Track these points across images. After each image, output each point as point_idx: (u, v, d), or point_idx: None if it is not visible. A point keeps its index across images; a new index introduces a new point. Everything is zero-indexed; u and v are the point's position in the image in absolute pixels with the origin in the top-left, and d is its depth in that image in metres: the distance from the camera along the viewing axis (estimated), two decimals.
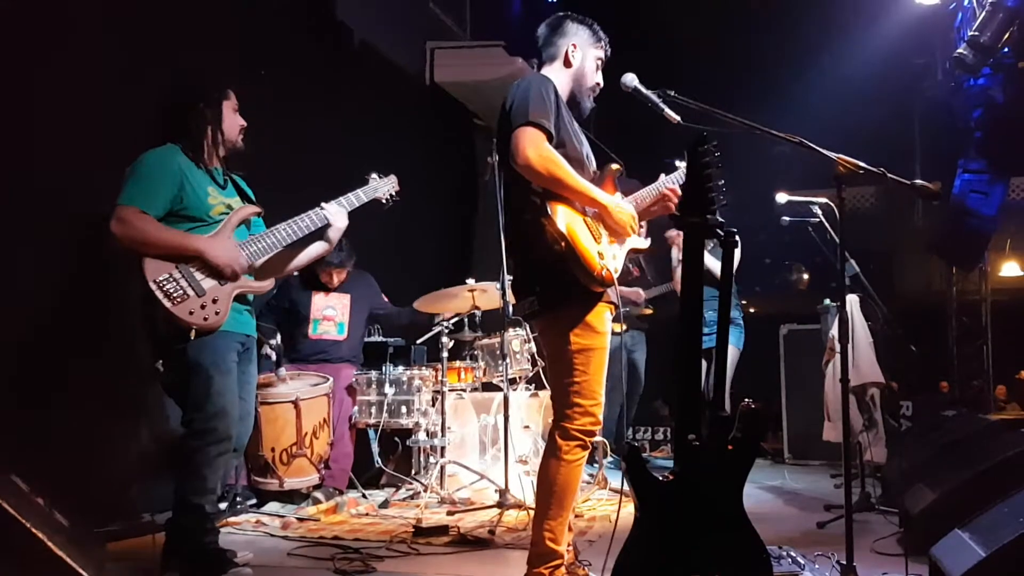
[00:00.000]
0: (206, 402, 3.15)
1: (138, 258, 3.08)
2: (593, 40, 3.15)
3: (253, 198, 3.56)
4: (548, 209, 2.80)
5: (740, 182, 4.01)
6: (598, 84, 3.17)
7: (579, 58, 3.11)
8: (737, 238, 2.39)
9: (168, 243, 3.13)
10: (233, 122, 3.43)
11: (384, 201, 3.75)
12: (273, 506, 4.68)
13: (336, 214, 3.53)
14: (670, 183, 3.22)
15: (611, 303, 2.96)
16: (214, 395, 3.15)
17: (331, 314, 5.40)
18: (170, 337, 3.12)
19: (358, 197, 3.64)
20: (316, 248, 3.60)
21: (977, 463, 3.52)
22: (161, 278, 3.08)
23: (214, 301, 3.17)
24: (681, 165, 3.20)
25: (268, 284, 3.45)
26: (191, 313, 3.10)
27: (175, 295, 3.08)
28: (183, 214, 3.23)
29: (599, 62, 3.16)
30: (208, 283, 3.17)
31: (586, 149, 3.09)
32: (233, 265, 3.21)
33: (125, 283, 3.20)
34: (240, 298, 3.32)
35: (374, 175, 3.74)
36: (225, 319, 3.20)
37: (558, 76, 3.09)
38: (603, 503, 4.89)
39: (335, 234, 3.56)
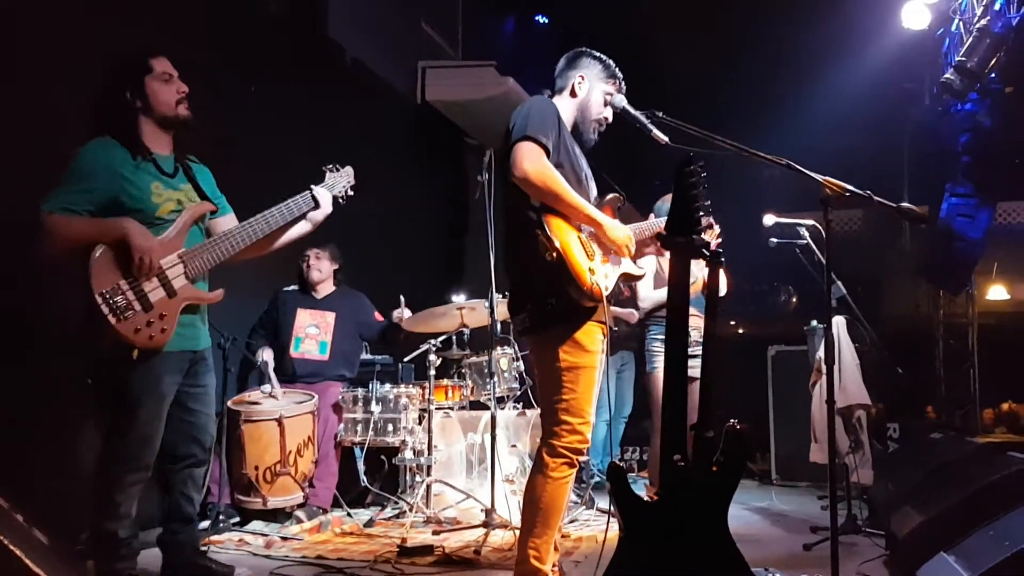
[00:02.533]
0: (130, 428, 3.03)
1: (83, 269, 2.90)
2: (604, 75, 3.20)
3: (211, 184, 3.37)
4: (544, 222, 2.85)
5: (728, 204, 4.04)
6: (606, 119, 3.22)
7: (585, 90, 3.18)
8: (723, 259, 2.40)
9: (97, 231, 2.94)
10: (165, 95, 3.15)
11: (341, 199, 3.55)
12: (256, 525, 4.64)
13: (324, 197, 3.42)
14: (662, 223, 3.25)
15: (603, 323, 2.97)
16: (140, 422, 3.04)
17: (313, 332, 5.37)
18: (111, 356, 2.96)
19: (325, 189, 3.48)
20: (299, 228, 3.48)
21: (964, 486, 3.53)
22: (107, 290, 2.90)
23: (161, 317, 3.00)
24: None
25: (218, 295, 3.26)
26: (137, 331, 2.93)
27: (120, 310, 2.91)
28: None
29: (608, 97, 3.20)
30: (156, 295, 2.99)
31: (586, 173, 3.15)
32: (147, 257, 2.95)
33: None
34: (190, 309, 3.17)
35: (329, 166, 3.56)
36: (170, 336, 3.04)
37: (564, 105, 3.17)
38: (590, 523, 4.87)
39: (321, 216, 3.44)
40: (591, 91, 3.18)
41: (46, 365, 3.67)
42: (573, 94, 3.18)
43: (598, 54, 3.23)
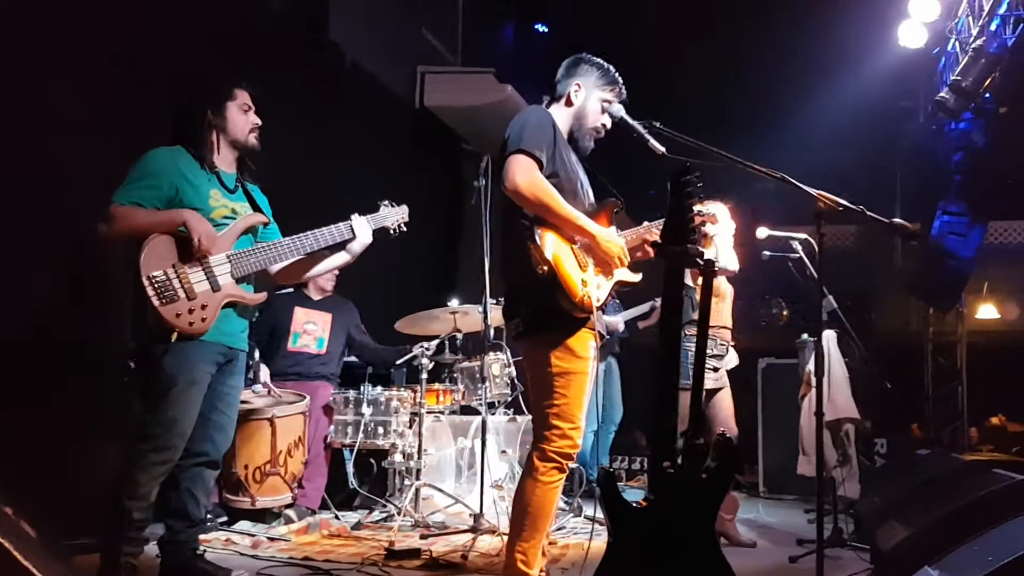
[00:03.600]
0: (161, 407, 3.12)
1: (135, 253, 3.03)
2: (602, 82, 3.18)
3: (266, 208, 3.52)
4: (536, 234, 2.86)
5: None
6: (603, 125, 3.20)
7: (581, 98, 3.17)
8: (716, 268, 2.42)
9: (159, 221, 3.11)
10: (241, 123, 3.40)
11: (392, 231, 3.71)
12: (244, 524, 4.63)
13: (362, 228, 3.51)
14: (654, 227, 3.26)
15: (595, 330, 2.99)
16: (170, 403, 3.12)
17: (312, 328, 5.38)
18: (151, 337, 3.08)
19: (376, 220, 3.61)
20: (338, 259, 3.60)
21: (949, 502, 3.54)
22: (155, 274, 3.04)
23: (203, 307, 3.12)
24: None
25: (261, 297, 3.38)
26: (178, 316, 3.06)
27: (165, 294, 3.04)
28: None
29: (605, 104, 3.18)
30: (200, 287, 3.13)
31: (582, 181, 3.15)
32: (206, 241, 3.11)
33: (101, 289, 3.16)
34: (232, 307, 3.27)
35: (386, 202, 3.70)
36: (209, 327, 3.15)
37: (560, 113, 3.17)
38: (577, 530, 4.88)
39: (359, 247, 3.54)
40: (587, 99, 3.17)
41: (39, 359, 3.67)
42: (569, 103, 3.18)
43: (597, 60, 3.22)
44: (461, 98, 7.78)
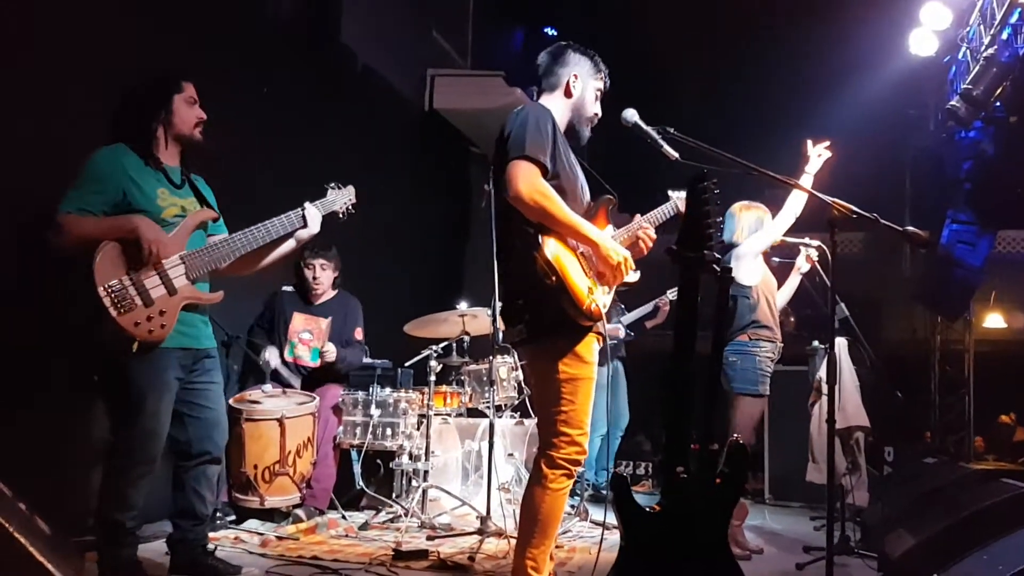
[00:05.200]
0: (136, 422, 3.10)
1: (88, 263, 2.98)
2: (594, 71, 3.17)
3: (212, 200, 3.47)
4: (540, 241, 2.80)
5: None
6: (596, 114, 3.19)
7: (580, 88, 3.13)
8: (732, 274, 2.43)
9: (107, 228, 3.05)
10: (187, 115, 3.32)
11: (341, 215, 3.64)
12: (252, 523, 4.64)
13: (313, 216, 3.48)
14: (645, 223, 3.26)
15: (600, 334, 2.98)
16: (145, 416, 3.10)
17: (307, 338, 5.31)
18: (112, 349, 3.04)
19: (325, 205, 3.56)
20: (285, 247, 3.54)
21: (957, 511, 3.55)
22: (111, 284, 2.99)
23: (161, 313, 3.08)
24: (676, 196, 3.28)
25: (218, 296, 3.33)
26: (137, 324, 3.01)
27: (122, 304, 2.99)
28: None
29: (598, 93, 3.18)
30: (157, 292, 3.08)
31: (580, 181, 3.09)
32: (157, 249, 3.08)
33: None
34: (191, 309, 3.24)
35: (333, 184, 3.64)
36: (169, 332, 3.11)
37: (558, 105, 3.10)
38: (583, 534, 4.88)
39: (307, 235, 3.50)
40: (585, 89, 3.13)
41: (48, 358, 3.68)
42: (568, 94, 3.12)
43: (583, 48, 3.19)
44: (470, 101, 7.80)
